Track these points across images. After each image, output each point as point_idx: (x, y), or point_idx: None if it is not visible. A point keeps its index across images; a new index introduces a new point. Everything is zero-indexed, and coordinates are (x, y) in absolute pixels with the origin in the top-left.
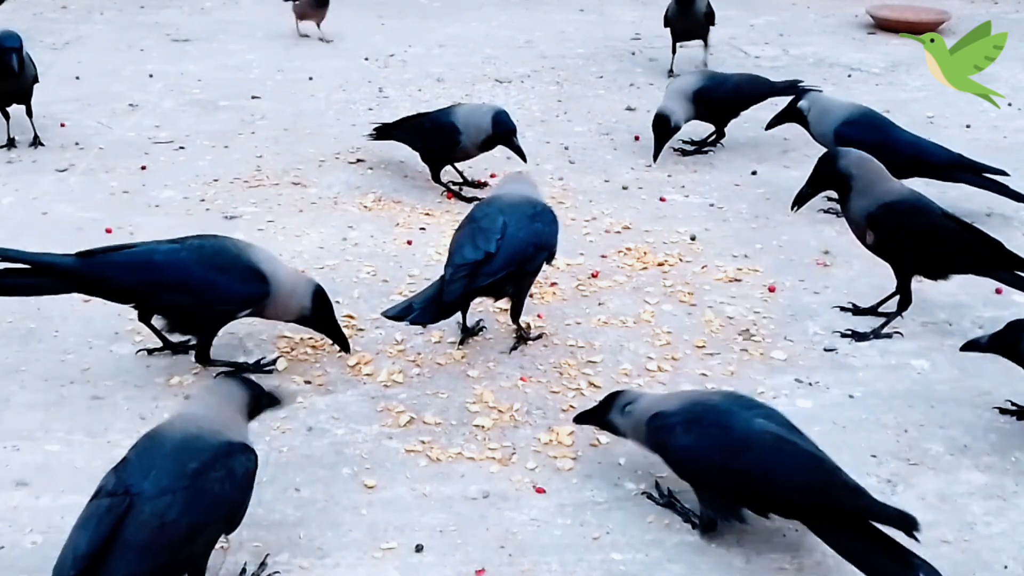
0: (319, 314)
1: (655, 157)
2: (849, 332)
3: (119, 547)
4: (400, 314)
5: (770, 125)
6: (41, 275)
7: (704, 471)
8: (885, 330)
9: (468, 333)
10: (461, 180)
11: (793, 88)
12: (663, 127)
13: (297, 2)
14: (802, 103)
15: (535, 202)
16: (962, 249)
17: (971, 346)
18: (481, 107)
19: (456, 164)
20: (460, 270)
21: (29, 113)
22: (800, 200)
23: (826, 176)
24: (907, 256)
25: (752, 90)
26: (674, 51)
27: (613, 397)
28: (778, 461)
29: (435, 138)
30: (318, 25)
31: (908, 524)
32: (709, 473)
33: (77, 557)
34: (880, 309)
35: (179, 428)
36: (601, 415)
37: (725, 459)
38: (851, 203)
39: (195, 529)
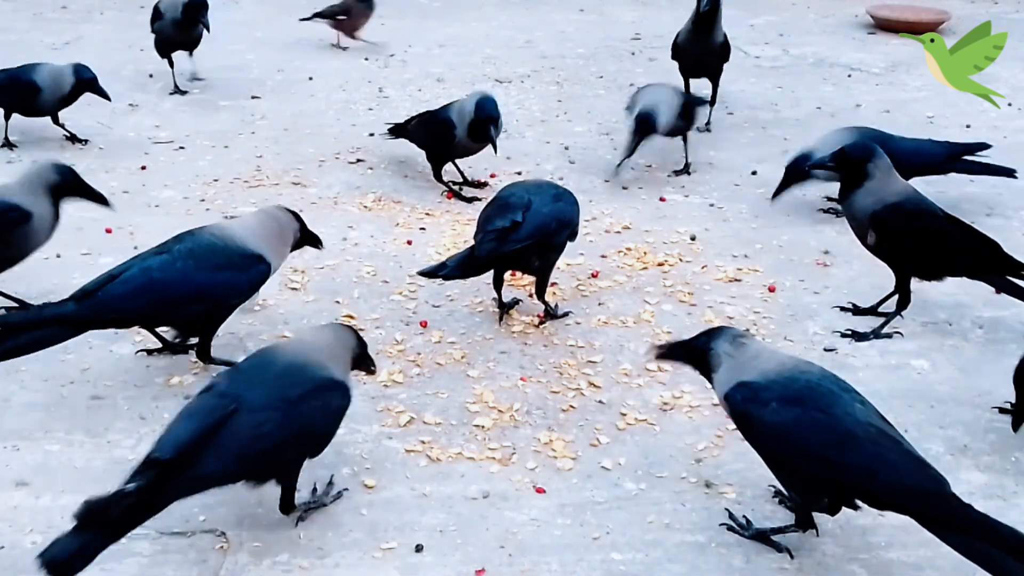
0: (304, 233)
1: (775, 196)
2: (849, 332)
3: (215, 445)
4: (433, 270)
5: (776, 194)
6: (44, 327)
7: (799, 458)
8: (885, 330)
9: (504, 308)
10: (462, 180)
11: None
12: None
13: (345, 19)
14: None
15: (557, 185)
16: (962, 252)
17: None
18: (473, 96)
19: (458, 163)
20: (490, 234)
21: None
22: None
23: (845, 166)
24: (907, 257)
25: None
26: (687, 85)
27: (718, 330)
28: (884, 461)
29: (433, 133)
30: (353, 35)
31: (1021, 545)
32: (804, 461)
33: (179, 443)
34: (880, 309)
35: (290, 354)
36: (701, 347)
37: (827, 450)
38: (856, 201)
39: (284, 446)
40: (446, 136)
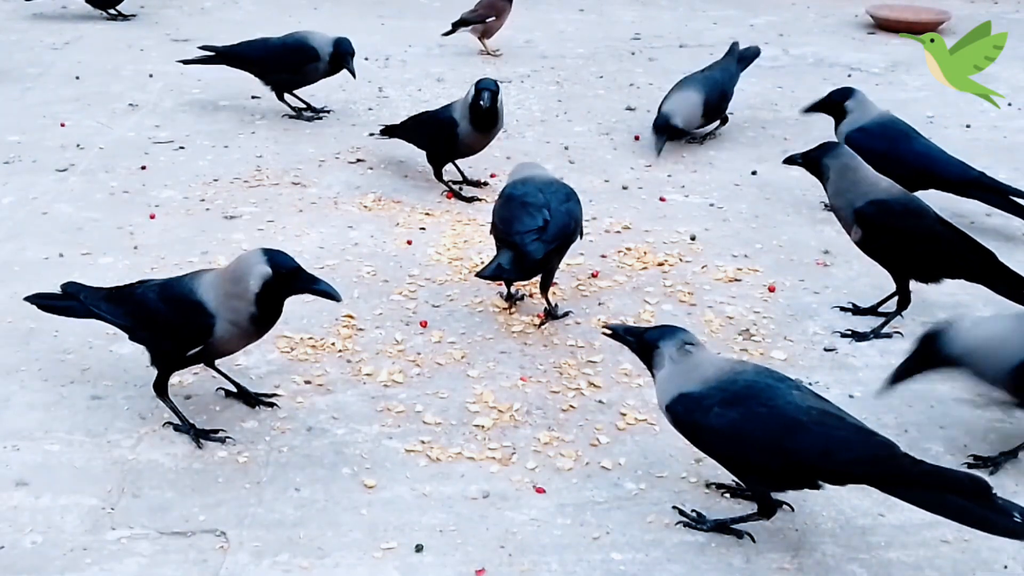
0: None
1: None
2: (849, 332)
3: (548, 227)
4: (495, 274)
5: (807, 110)
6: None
7: (753, 452)
8: (885, 330)
9: (513, 300)
10: (462, 179)
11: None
12: None
13: (494, 19)
14: (849, 102)
15: (561, 182)
16: (952, 255)
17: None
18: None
19: (458, 163)
20: (530, 234)
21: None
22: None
23: (812, 166)
24: (893, 256)
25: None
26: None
27: (671, 331)
28: (833, 439)
29: (435, 133)
30: (484, 41)
31: (978, 488)
32: (758, 455)
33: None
34: (880, 309)
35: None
36: (650, 342)
37: (777, 441)
38: (833, 198)
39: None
40: (449, 134)
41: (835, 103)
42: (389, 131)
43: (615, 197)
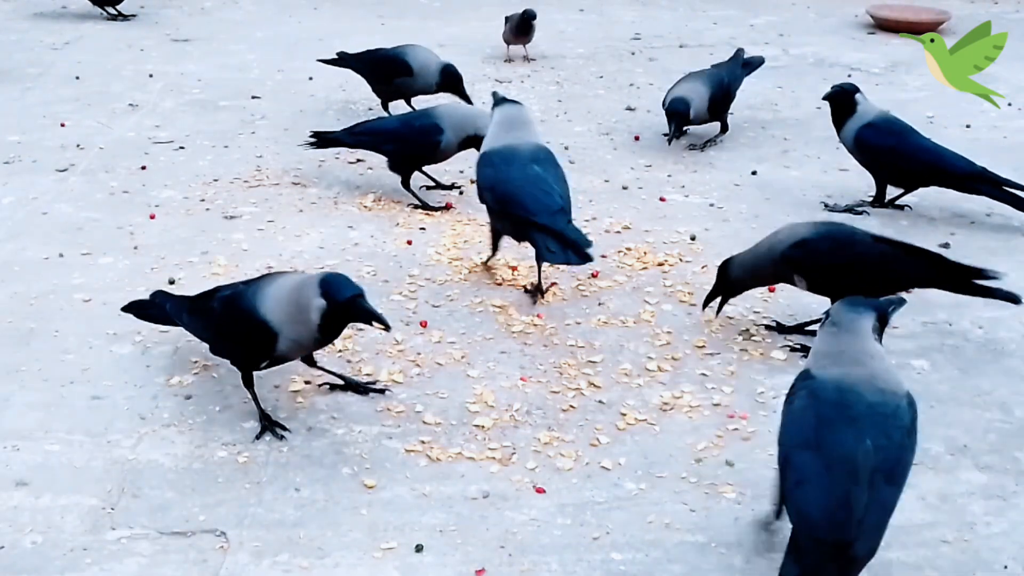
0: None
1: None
2: (799, 347)
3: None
4: (568, 260)
5: (826, 97)
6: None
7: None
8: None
9: (541, 291)
10: (434, 183)
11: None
12: None
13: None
14: (859, 96)
15: (546, 149)
16: (896, 269)
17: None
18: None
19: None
20: (559, 216)
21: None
22: None
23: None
24: (844, 287)
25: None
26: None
27: None
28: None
29: (415, 139)
30: (524, 47)
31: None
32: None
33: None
34: (806, 328)
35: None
36: None
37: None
38: (760, 256)
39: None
40: (431, 141)
41: (848, 93)
42: (321, 140)
43: (615, 197)
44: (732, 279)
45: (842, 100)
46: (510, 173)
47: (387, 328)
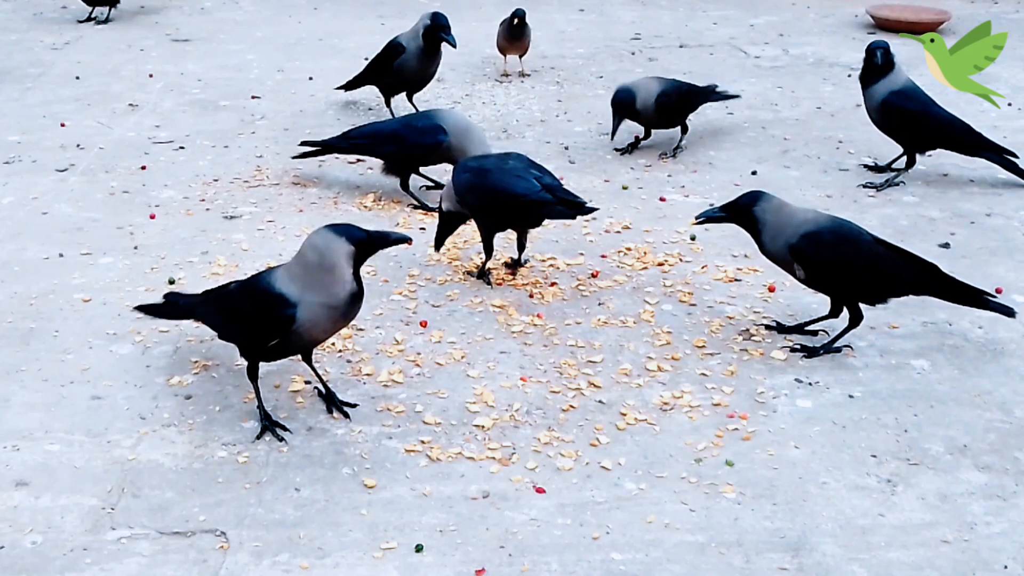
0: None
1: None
2: (799, 347)
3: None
4: (542, 197)
5: (869, 49)
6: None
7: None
8: (837, 344)
9: (516, 265)
10: (432, 184)
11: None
12: None
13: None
14: (896, 60)
15: (518, 154)
16: (894, 275)
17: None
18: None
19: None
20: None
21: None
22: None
23: (738, 215)
24: (839, 285)
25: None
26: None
27: None
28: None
29: (417, 140)
30: (520, 59)
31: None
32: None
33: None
34: (816, 327)
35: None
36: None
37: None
38: (770, 244)
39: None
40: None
41: (890, 53)
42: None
43: (615, 197)
44: (750, 215)
45: (885, 59)
46: (487, 170)
47: (409, 242)
